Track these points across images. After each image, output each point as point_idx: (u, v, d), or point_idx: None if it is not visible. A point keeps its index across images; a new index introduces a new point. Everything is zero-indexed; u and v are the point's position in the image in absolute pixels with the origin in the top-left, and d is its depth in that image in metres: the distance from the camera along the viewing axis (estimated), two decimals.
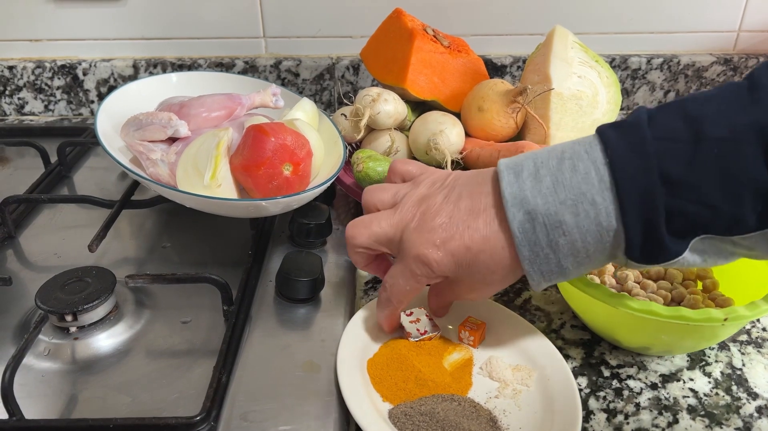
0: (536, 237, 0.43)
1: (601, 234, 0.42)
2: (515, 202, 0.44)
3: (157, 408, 0.51)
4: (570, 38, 0.80)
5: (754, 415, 0.52)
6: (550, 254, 0.44)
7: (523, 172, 0.44)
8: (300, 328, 0.58)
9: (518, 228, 0.44)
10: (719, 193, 0.40)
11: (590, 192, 0.42)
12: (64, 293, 0.58)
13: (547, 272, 0.45)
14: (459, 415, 0.49)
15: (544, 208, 0.43)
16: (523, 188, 0.44)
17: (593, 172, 0.42)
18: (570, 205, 0.42)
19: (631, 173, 0.41)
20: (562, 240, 0.43)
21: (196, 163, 0.65)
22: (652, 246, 0.42)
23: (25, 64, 1.03)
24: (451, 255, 0.47)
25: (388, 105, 0.74)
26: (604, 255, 0.44)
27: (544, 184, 0.43)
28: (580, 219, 0.42)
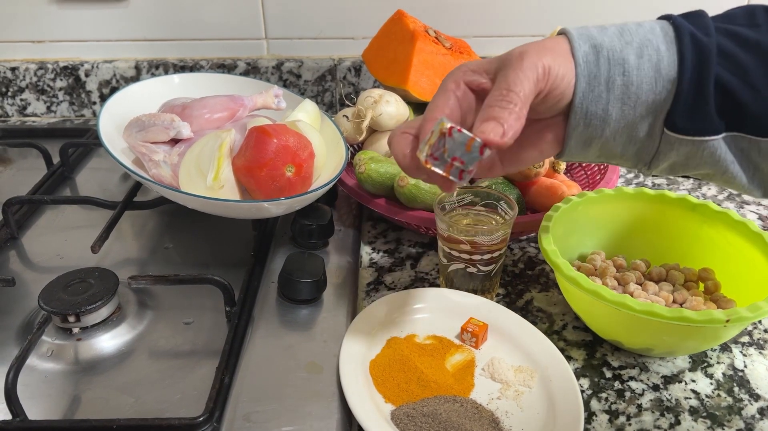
0: (597, 69, 0.44)
1: (656, 82, 0.43)
2: (581, 36, 0.45)
3: (160, 409, 0.51)
4: None
5: (756, 416, 0.52)
6: (603, 92, 0.44)
7: (589, 26, 0.46)
8: (302, 329, 0.58)
9: (582, 58, 0.44)
10: (765, 77, 0.42)
11: (655, 40, 0.44)
12: (67, 294, 0.58)
13: (592, 113, 0.45)
14: (461, 416, 0.49)
15: (610, 44, 0.44)
16: (590, 30, 0.45)
17: (658, 27, 0.44)
18: (636, 46, 0.44)
19: (693, 32, 0.43)
20: (620, 80, 0.44)
21: (199, 165, 0.66)
22: (697, 106, 0.43)
23: (28, 66, 1.03)
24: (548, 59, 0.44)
25: (389, 106, 0.74)
26: (647, 112, 0.44)
27: (610, 30, 0.45)
28: (642, 61, 0.43)
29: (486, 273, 0.62)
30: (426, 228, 0.71)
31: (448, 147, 0.42)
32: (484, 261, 0.61)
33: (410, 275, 0.69)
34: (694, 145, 0.44)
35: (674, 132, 0.44)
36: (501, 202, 0.62)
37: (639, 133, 0.45)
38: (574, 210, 0.64)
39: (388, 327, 0.59)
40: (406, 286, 0.67)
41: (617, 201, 0.66)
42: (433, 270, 0.69)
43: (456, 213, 0.63)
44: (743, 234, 0.60)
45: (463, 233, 0.59)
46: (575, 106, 0.45)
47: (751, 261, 0.59)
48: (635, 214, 0.66)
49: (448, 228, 0.60)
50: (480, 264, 0.61)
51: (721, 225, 0.62)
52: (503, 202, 0.62)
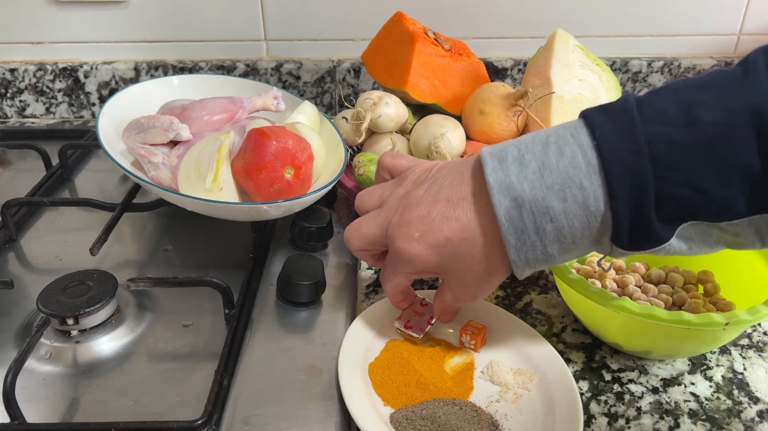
0: (523, 224, 0.42)
1: (588, 219, 0.41)
2: (501, 189, 0.42)
3: (158, 412, 0.51)
4: (571, 41, 0.80)
5: (756, 419, 0.52)
6: (536, 241, 0.43)
7: (507, 158, 0.43)
8: (301, 332, 0.58)
9: (504, 216, 0.42)
10: (711, 177, 0.39)
11: (578, 176, 0.41)
12: (66, 296, 0.58)
13: (532, 259, 0.44)
14: (460, 419, 0.49)
15: (531, 194, 0.41)
16: (509, 174, 0.42)
17: (580, 155, 0.41)
18: (557, 190, 0.41)
19: (621, 156, 0.39)
20: (549, 226, 0.42)
21: (198, 167, 0.66)
22: (640, 231, 0.41)
23: (27, 67, 1.03)
24: (431, 247, 0.46)
25: (389, 108, 0.74)
26: (589, 241, 0.43)
27: (530, 170, 0.42)
28: (567, 204, 0.41)
29: None
30: None
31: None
32: None
33: None
34: (647, 253, 0.43)
35: (623, 249, 0.42)
36: None
37: (587, 251, 0.44)
38: None
39: (388, 330, 0.58)
40: None
41: None
42: None
43: None
44: None
45: None
46: (513, 260, 0.44)
47: (750, 264, 0.59)
48: None
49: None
50: None
51: None
52: None
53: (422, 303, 0.58)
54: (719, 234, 0.42)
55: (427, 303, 0.58)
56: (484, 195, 0.44)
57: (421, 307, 0.58)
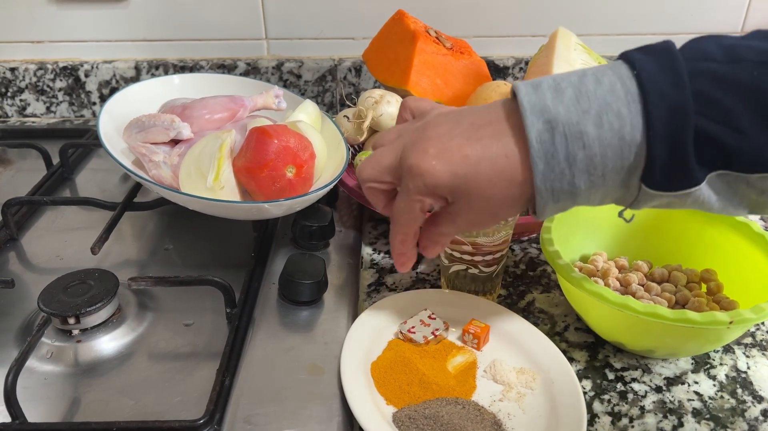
0: (554, 148, 0.40)
1: (622, 149, 0.39)
2: (534, 110, 0.40)
3: (159, 411, 0.51)
4: (573, 40, 0.80)
5: (760, 418, 0.52)
6: (565, 169, 0.40)
7: (542, 84, 0.41)
8: (303, 331, 0.58)
9: (536, 138, 0.40)
10: (750, 117, 0.37)
11: (616, 103, 0.39)
12: (67, 295, 0.58)
13: (558, 190, 0.41)
14: (463, 418, 0.49)
15: (566, 117, 0.39)
16: (543, 98, 0.40)
17: (619, 84, 0.39)
18: (593, 114, 0.39)
19: (661, 86, 0.38)
20: (581, 153, 0.40)
21: (199, 165, 0.65)
22: (674, 166, 0.39)
23: (27, 66, 1.03)
24: (445, 163, 0.43)
25: (390, 107, 0.74)
26: (619, 177, 0.41)
27: (566, 95, 0.40)
28: (603, 131, 0.39)
29: (487, 274, 0.62)
30: None
31: None
32: (486, 263, 0.61)
33: (411, 276, 0.68)
34: (677, 197, 0.41)
35: (652, 189, 0.40)
36: None
37: (614, 192, 0.42)
38: (576, 211, 0.63)
39: (390, 329, 0.58)
40: (408, 288, 0.67)
41: None
42: (434, 272, 0.69)
43: None
44: (746, 235, 0.60)
45: (464, 234, 0.59)
46: (538, 188, 0.41)
47: (754, 263, 0.59)
48: (637, 215, 0.66)
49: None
50: (481, 265, 0.61)
51: (723, 227, 0.62)
52: None
53: (430, 317, 0.59)
54: (745, 191, 0.41)
55: (435, 317, 0.59)
56: (514, 117, 0.42)
57: (429, 319, 0.58)
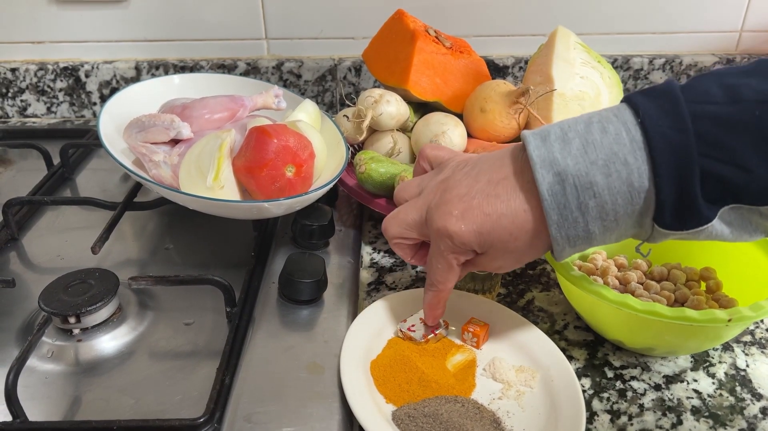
0: (566, 199, 0.42)
1: (632, 195, 0.41)
2: (544, 164, 0.42)
3: (160, 410, 0.51)
4: (572, 39, 0.80)
5: (759, 416, 0.52)
6: (578, 218, 0.42)
7: (550, 136, 0.43)
8: (303, 330, 0.58)
9: (547, 191, 0.42)
10: (755, 155, 0.38)
11: (622, 152, 0.41)
12: (68, 295, 0.58)
13: (573, 237, 0.43)
14: (463, 417, 0.49)
15: (575, 168, 0.41)
16: (552, 150, 0.42)
17: (624, 132, 0.41)
18: (601, 165, 0.41)
19: (665, 132, 0.39)
20: (592, 202, 0.42)
21: (199, 165, 0.66)
22: (684, 208, 0.40)
23: (28, 66, 1.03)
24: (470, 224, 0.45)
25: (390, 106, 0.74)
26: (632, 219, 0.42)
27: (574, 146, 0.42)
28: (611, 180, 0.41)
29: (487, 272, 0.62)
30: None
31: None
32: None
33: (411, 275, 0.69)
34: (689, 234, 0.42)
35: (664, 229, 0.42)
36: None
37: (628, 231, 0.44)
38: None
39: (389, 328, 0.58)
40: (407, 286, 0.67)
41: None
42: None
43: None
44: None
45: None
46: (554, 237, 0.43)
47: (753, 261, 0.59)
48: None
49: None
50: None
51: None
52: None
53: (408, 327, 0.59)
54: (758, 221, 0.42)
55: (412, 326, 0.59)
56: (526, 173, 0.44)
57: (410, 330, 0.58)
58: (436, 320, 0.56)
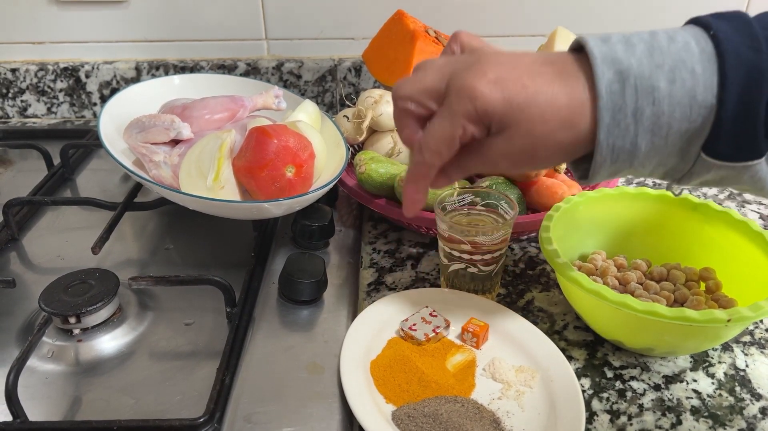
0: (623, 101, 0.38)
1: (691, 110, 0.38)
2: (605, 60, 0.38)
3: (160, 410, 0.51)
4: (572, 39, 0.80)
5: (758, 416, 0.52)
6: (630, 125, 0.39)
7: (612, 38, 0.39)
8: (303, 330, 0.58)
9: (606, 88, 0.38)
10: None
11: (690, 60, 0.38)
12: (68, 295, 0.58)
13: (619, 148, 0.39)
14: (462, 417, 0.49)
15: (639, 69, 0.38)
16: (614, 49, 0.39)
17: (693, 42, 0.38)
18: (667, 70, 0.38)
19: (738, 48, 0.37)
20: (649, 110, 0.38)
21: (199, 165, 0.66)
22: (742, 134, 0.38)
23: (28, 67, 1.03)
24: (502, 89, 0.40)
25: (390, 106, 0.74)
26: (681, 141, 0.39)
27: (638, 49, 0.38)
28: (675, 87, 0.38)
29: (487, 273, 0.62)
30: (427, 229, 0.71)
31: None
32: (485, 261, 0.61)
33: (411, 275, 0.69)
34: (734, 169, 0.39)
35: (712, 158, 0.39)
36: (501, 202, 0.62)
37: (670, 159, 0.40)
38: (574, 209, 0.64)
39: (389, 328, 0.58)
40: (407, 287, 0.67)
41: (618, 200, 0.66)
42: (433, 271, 0.69)
43: (456, 213, 0.63)
44: (744, 233, 0.60)
45: (463, 233, 0.59)
46: (600, 142, 0.39)
47: (752, 261, 0.59)
48: (636, 214, 0.66)
49: (449, 229, 0.60)
50: (480, 264, 0.61)
51: (722, 225, 0.62)
52: (504, 201, 0.62)
53: (431, 314, 0.59)
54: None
55: (436, 314, 0.59)
56: (580, 64, 0.40)
57: (430, 317, 0.59)
58: (415, 208, 0.47)
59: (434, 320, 0.58)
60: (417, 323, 0.58)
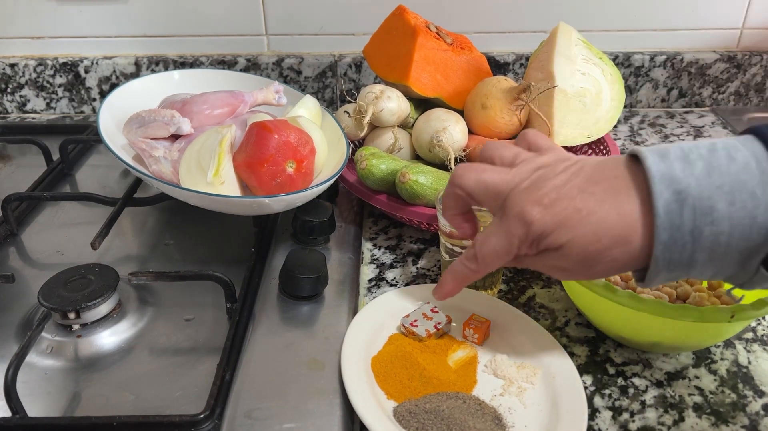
0: (681, 221, 0.38)
1: (751, 230, 0.38)
2: (663, 179, 0.38)
3: (160, 406, 0.51)
4: (574, 35, 0.79)
5: (761, 413, 0.52)
6: (688, 243, 0.38)
7: (670, 154, 0.39)
8: (304, 326, 0.58)
9: (663, 208, 0.38)
10: None
11: (750, 182, 0.38)
12: (67, 291, 0.58)
13: (675, 262, 0.39)
14: (464, 413, 0.49)
15: (697, 190, 0.38)
16: (672, 167, 0.39)
17: (753, 163, 0.38)
18: (726, 191, 0.38)
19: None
20: (708, 230, 0.38)
21: (199, 160, 0.65)
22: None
23: (27, 62, 1.02)
24: (556, 215, 0.41)
25: (391, 102, 0.74)
26: (739, 257, 0.39)
27: (697, 167, 0.38)
28: (734, 209, 0.38)
29: None
30: (427, 225, 0.71)
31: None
32: None
33: (412, 271, 0.68)
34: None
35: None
36: None
37: (728, 269, 0.40)
38: None
39: (390, 324, 0.58)
40: (408, 283, 0.67)
41: None
42: (434, 267, 0.69)
43: None
44: None
45: None
46: (656, 258, 0.39)
47: None
48: None
49: (450, 225, 0.59)
50: None
51: None
52: None
53: (433, 310, 0.59)
54: None
55: (437, 311, 0.58)
56: (635, 179, 0.40)
57: (432, 313, 0.58)
58: (446, 296, 0.49)
59: (435, 316, 0.58)
60: (418, 319, 0.57)
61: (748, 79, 1.03)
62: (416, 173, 0.67)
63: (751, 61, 1.01)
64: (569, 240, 0.41)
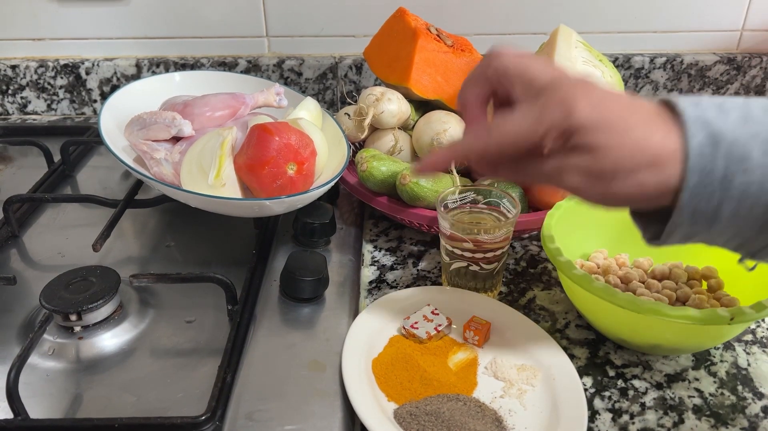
0: (713, 165, 0.36)
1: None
2: (697, 122, 0.37)
3: (162, 408, 0.51)
4: (574, 37, 0.79)
5: (760, 415, 0.52)
6: (716, 191, 0.37)
7: (703, 101, 0.38)
8: (304, 327, 0.58)
9: (696, 150, 0.36)
10: None
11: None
12: (69, 292, 0.58)
13: (700, 212, 0.38)
14: (464, 415, 0.49)
15: (732, 135, 0.36)
16: (706, 113, 0.37)
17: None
18: (762, 140, 0.36)
19: None
20: (738, 179, 0.36)
21: (201, 162, 0.65)
22: None
23: (28, 63, 1.03)
24: (600, 113, 0.38)
25: (391, 104, 0.74)
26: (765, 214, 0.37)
27: (731, 115, 0.37)
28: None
29: (488, 271, 0.62)
30: (428, 227, 0.71)
31: None
32: (487, 260, 0.61)
33: (412, 273, 0.69)
34: None
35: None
36: (503, 200, 0.62)
37: (749, 231, 0.38)
38: (576, 208, 0.64)
39: (391, 326, 0.58)
40: (408, 285, 0.67)
41: None
42: (435, 269, 0.69)
43: (458, 211, 0.63)
44: None
45: (465, 231, 0.59)
46: (682, 203, 0.37)
47: None
48: None
49: (451, 227, 0.60)
50: (482, 262, 0.61)
51: None
52: (506, 199, 0.62)
53: (433, 312, 0.59)
54: None
55: (438, 313, 0.59)
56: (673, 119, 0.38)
57: (432, 315, 0.58)
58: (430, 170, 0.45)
59: (436, 318, 0.58)
60: (419, 321, 0.58)
61: (748, 81, 1.03)
62: (417, 175, 0.67)
63: (751, 63, 1.01)
64: (606, 144, 0.39)
